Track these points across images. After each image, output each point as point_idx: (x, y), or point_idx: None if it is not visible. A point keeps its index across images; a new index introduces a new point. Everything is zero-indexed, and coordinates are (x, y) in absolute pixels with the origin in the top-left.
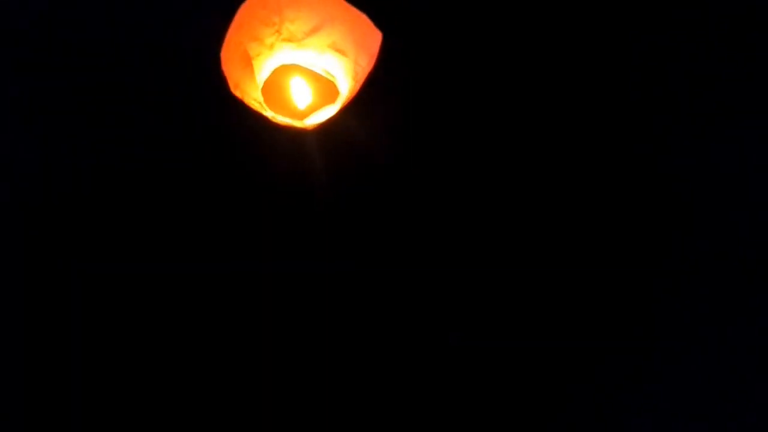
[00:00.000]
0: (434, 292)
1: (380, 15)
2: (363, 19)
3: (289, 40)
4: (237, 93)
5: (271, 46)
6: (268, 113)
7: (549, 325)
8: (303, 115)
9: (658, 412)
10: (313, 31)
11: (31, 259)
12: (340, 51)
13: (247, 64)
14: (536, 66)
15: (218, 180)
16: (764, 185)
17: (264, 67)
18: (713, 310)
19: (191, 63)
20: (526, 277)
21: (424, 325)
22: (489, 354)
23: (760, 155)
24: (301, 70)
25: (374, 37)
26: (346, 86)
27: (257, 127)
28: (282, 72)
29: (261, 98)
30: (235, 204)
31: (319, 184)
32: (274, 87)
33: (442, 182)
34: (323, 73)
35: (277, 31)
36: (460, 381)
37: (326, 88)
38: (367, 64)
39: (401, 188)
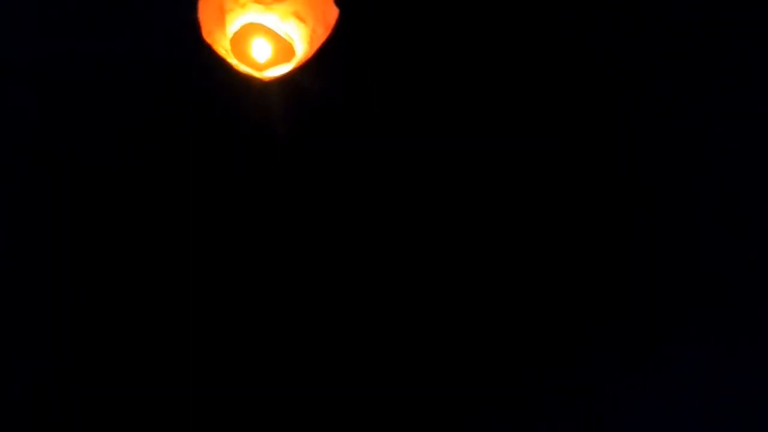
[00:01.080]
0: None
1: None
2: None
3: (259, 2)
4: (208, 39)
5: (244, 6)
6: (233, 61)
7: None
8: (262, 68)
9: None
10: None
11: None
12: (301, 19)
13: (221, 17)
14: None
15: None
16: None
17: (234, 23)
18: None
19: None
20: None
21: None
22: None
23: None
24: (265, 30)
25: (332, 12)
26: (302, 49)
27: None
28: (249, 30)
29: (228, 47)
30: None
31: (278, 128)
32: (240, 41)
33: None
34: (284, 36)
35: None
36: None
37: (284, 49)
38: (322, 33)
39: (345, 133)
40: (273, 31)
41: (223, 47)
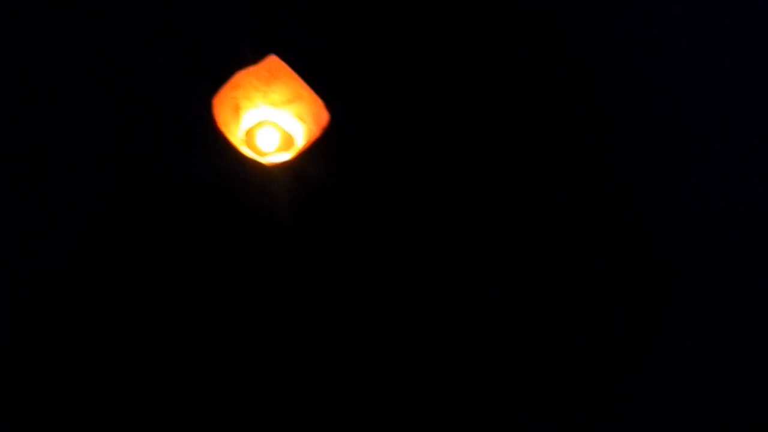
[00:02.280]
0: None
1: (332, 98)
2: (319, 102)
3: (270, 104)
4: (224, 129)
5: (257, 105)
6: (244, 149)
7: None
8: (265, 155)
9: None
10: (287, 102)
11: None
12: (301, 119)
13: (236, 112)
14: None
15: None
16: None
17: (248, 118)
18: None
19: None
20: None
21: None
22: None
23: None
24: (271, 124)
25: (324, 116)
26: (300, 142)
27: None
28: (258, 123)
29: (242, 137)
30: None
31: (278, 209)
32: (249, 132)
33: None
34: (288, 130)
35: (264, 96)
36: None
37: (286, 141)
38: (316, 131)
39: (340, 216)
40: (278, 126)
41: (236, 137)
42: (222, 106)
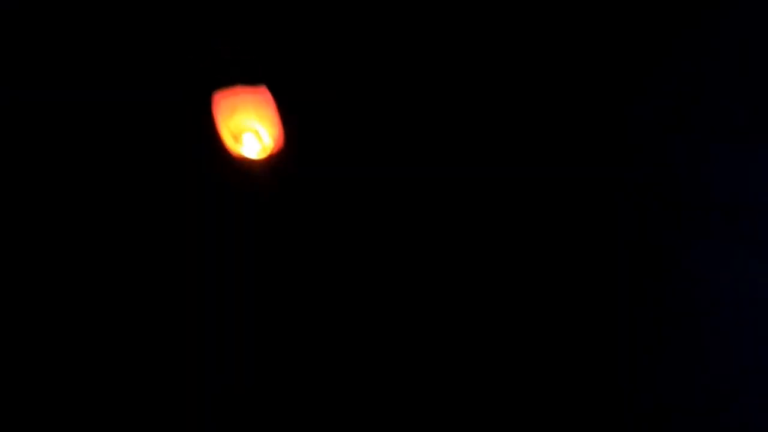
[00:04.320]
0: None
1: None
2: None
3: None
4: (222, 132)
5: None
6: (231, 146)
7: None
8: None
9: None
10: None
11: None
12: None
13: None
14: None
15: None
16: None
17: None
18: None
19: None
20: None
21: None
22: None
23: None
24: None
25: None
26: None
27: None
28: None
29: (232, 139)
30: None
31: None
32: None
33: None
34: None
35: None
36: None
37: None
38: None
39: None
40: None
41: (228, 139)
42: (219, 113)
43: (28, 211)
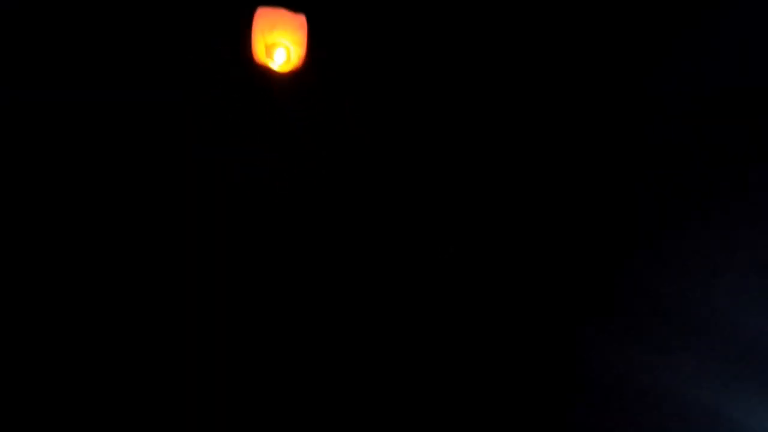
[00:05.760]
0: None
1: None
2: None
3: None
4: (256, 42)
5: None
6: (260, 56)
7: None
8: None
9: None
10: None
11: None
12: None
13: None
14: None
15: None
16: None
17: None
18: None
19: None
20: None
21: None
22: None
23: None
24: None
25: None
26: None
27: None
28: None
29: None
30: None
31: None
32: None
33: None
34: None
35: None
36: None
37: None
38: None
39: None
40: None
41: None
42: (256, 44)
43: (28, 210)
